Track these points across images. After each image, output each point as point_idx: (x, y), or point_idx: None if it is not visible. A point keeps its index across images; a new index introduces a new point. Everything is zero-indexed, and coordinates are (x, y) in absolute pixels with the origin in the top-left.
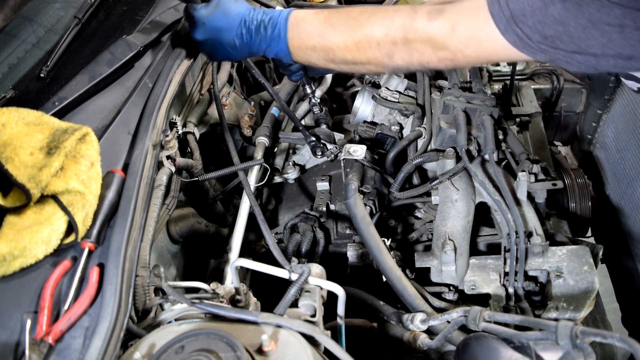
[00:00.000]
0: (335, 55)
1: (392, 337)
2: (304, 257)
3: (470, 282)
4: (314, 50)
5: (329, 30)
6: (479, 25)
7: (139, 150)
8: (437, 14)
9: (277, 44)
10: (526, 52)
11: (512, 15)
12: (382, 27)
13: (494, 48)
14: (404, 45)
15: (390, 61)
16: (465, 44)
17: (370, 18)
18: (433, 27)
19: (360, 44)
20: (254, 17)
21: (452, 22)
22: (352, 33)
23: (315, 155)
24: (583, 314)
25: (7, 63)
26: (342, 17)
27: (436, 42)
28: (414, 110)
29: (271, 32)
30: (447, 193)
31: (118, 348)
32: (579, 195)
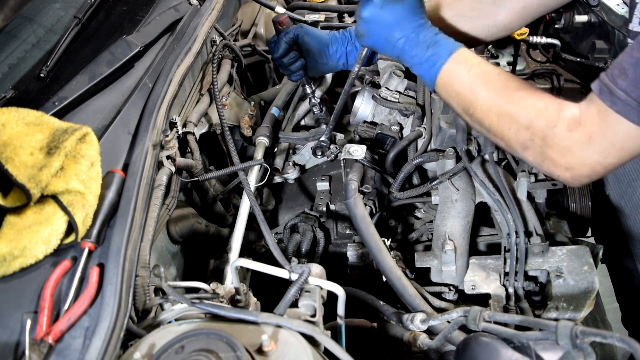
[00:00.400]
0: (475, 113)
1: (392, 337)
2: (304, 257)
3: (470, 282)
4: (457, 96)
5: (481, 88)
6: (615, 130)
7: (139, 150)
8: (575, 124)
9: (428, 68)
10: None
11: (637, 101)
12: (528, 117)
13: (634, 145)
14: (540, 146)
15: (522, 152)
16: (605, 154)
17: (522, 101)
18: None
19: (502, 119)
20: (428, 32)
21: (589, 132)
22: (499, 105)
23: (315, 155)
24: (583, 314)
25: (7, 63)
26: (498, 83)
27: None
28: (414, 110)
29: (430, 55)
30: (447, 193)
31: (118, 348)
32: (579, 195)
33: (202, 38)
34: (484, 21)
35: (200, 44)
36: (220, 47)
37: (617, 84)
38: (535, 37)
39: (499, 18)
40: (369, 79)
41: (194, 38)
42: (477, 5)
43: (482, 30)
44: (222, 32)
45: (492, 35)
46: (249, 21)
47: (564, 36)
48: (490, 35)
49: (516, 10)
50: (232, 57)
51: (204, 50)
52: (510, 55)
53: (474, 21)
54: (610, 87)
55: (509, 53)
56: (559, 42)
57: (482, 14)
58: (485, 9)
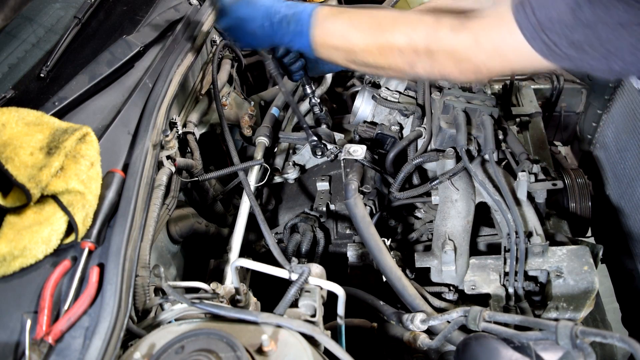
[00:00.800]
0: (357, 57)
1: (392, 337)
2: (304, 257)
3: (470, 282)
4: (336, 49)
5: (353, 32)
6: (503, 36)
7: (139, 150)
8: (460, 27)
9: (300, 39)
10: (552, 59)
11: (539, 22)
12: (405, 35)
13: (518, 58)
14: (426, 55)
15: (412, 70)
16: (489, 57)
17: (395, 24)
18: (456, 40)
19: (382, 49)
20: (278, 10)
21: (476, 35)
22: (375, 37)
23: (315, 155)
24: (583, 314)
25: (7, 63)
26: (366, 20)
27: (459, 55)
28: (414, 110)
29: (294, 27)
30: (447, 193)
31: (118, 348)
32: (579, 195)
33: (202, 38)
34: None
35: (200, 44)
36: (220, 47)
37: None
38: None
39: None
40: (369, 79)
41: (194, 38)
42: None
43: None
44: (222, 32)
45: None
46: None
47: None
48: None
49: None
50: (232, 57)
51: (204, 50)
52: None
53: None
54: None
55: None
56: None
57: None
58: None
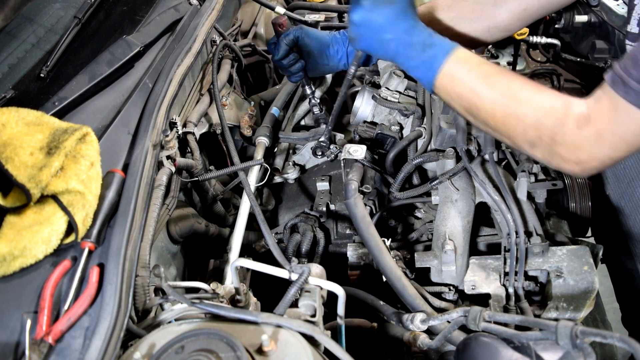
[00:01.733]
0: (479, 114)
1: (392, 337)
2: (304, 257)
3: (470, 282)
4: (459, 97)
5: (484, 89)
6: (625, 124)
7: (139, 150)
8: (585, 122)
9: (425, 70)
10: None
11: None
12: (535, 117)
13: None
14: (548, 144)
15: (530, 150)
16: (614, 149)
17: (529, 101)
18: (582, 137)
19: (508, 119)
20: (420, 31)
21: (599, 129)
22: (505, 105)
23: (315, 155)
24: (583, 314)
25: (7, 63)
26: (502, 82)
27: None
28: (414, 110)
29: (426, 57)
30: (447, 193)
31: (118, 348)
32: (579, 195)
33: (202, 38)
34: (484, 23)
35: (200, 44)
36: (220, 47)
37: (630, 75)
38: (535, 37)
39: (500, 19)
40: (369, 79)
41: (194, 38)
42: (477, 7)
43: (483, 31)
44: (222, 32)
45: (493, 36)
46: (249, 21)
47: (564, 36)
48: (490, 36)
49: (517, 11)
50: (232, 57)
51: (204, 50)
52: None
53: (475, 23)
54: (624, 77)
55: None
56: (559, 42)
57: (482, 15)
58: (485, 10)
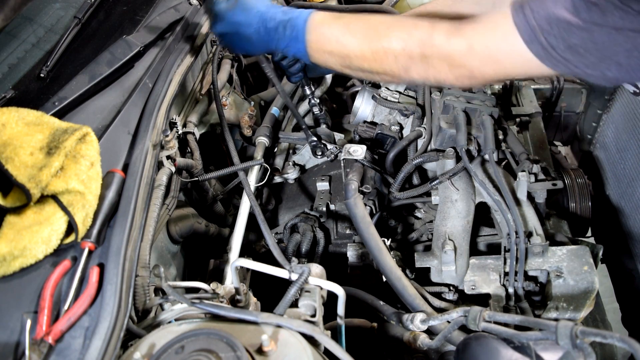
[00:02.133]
0: (352, 62)
1: (392, 337)
2: (304, 257)
3: (470, 282)
4: (331, 54)
5: (348, 37)
6: (498, 41)
7: (139, 150)
8: (455, 31)
9: (296, 44)
10: (548, 63)
11: (538, 25)
12: (400, 40)
13: (514, 63)
14: (420, 60)
15: (406, 74)
16: (483, 62)
17: (390, 29)
18: (451, 46)
19: (377, 54)
20: (273, 16)
21: (470, 40)
22: (370, 42)
23: (315, 155)
24: (583, 314)
25: (7, 63)
26: (361, 25)
27: (453, 60)
28: (414, 110)
29: (290, 33)
30: (447, 193)
31: (118, 348)
32: (579, 195)
33: (202, 38)
34: None
35: (200, 44)
36: (220, 47)
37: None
38: None
39: None
40: None
41: (194, 38)
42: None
43: None
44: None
45: None
46: None
47: None
48: None
49: None
50: (232, 57)
51: (204, 50)
52: None
53: None
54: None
55: None
56: None
57: None
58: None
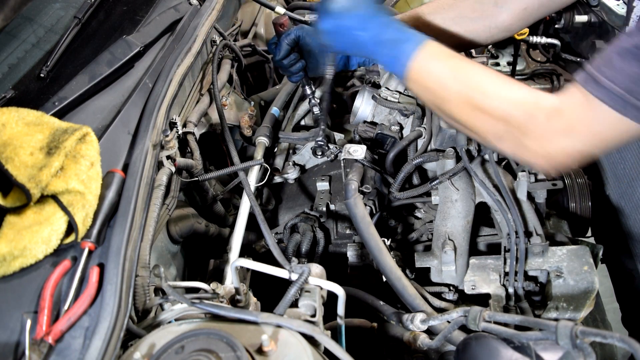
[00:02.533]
0: (446, 107)
1: (392, 337)
2: (304, 257)
3: (470, 282)
4: (428, 91)
5: (452, 82)
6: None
7: (139, 150)
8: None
9: (397, 66)
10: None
11: (625, 89)
12: (502, 109)
13: (615, 134)
14: (517, 137)
15: (497, 143)
16: (585, 143)
17: (497, 93)
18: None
19: (475, 112)
20: (391, 31)
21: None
22: (472, 98)
23: (315, 155)
24: (583, 314)
25: (7, 63)
26: (470, 75)
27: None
28: (414, 110)
29: (397, 52)
30: (447, 193)
31: (118, 348)
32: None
33: (202, 38)
34: (485, 22)
35: (200, 44)
36: (220, 47)
37: (602, 73)
38: (535, 37)
39: (500, 19)
40: (369, 79)
41: (194, 38)
42: (478, 7)
43: (484, 31)
44: (222, 32)
45: (493, 36)
46: (249, 21)
47: (564, 36)
48: (491, 36)
49: (517, 11)
50: (232, 57)
51: (204, 50)
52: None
53: (475, 22)
54: (596, 76)
55: (509, 53)
56: (559, 42)
57: (483, 15)
58: (486, 10)
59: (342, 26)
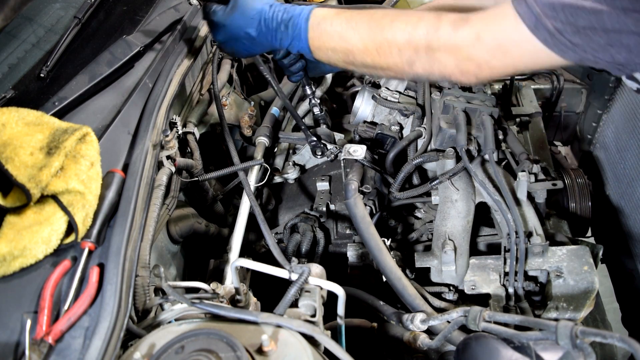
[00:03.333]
0: (355, 58)
1: (392, 337)
2: (304, 257)
3: (470, 282)
4: (334, 51)
5: (350, 32)
6: (506, 30)
7: (139, 150)
8: (462, 22)
9: (299, 42)
10: (556, 49)
11: (542, 10)
12: (405, 33)
13: (522, 52)
14: (426, 53)
15: (411, 69)
16: (491, 54)
17: (393, 22)
18: (458, 37)
19: (381, 48)
20: (274, 15)
21: (478, 30)
22: (373, 36)
23: (315, 155)
24: (583, 314)
25: (7, 63)
26: (364, 19)
27: (460, 52)
28: (414, 110)
29: (292, 31)
30: (447, 193)
31: (118, 348)
32: (579, 195)
33: (202, 38)
34: None
35: (200, 44)
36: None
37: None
38: None
39: None
40: (369, 79)
41: (194, 38)
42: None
43: None
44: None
45: None
46: None
47: None
48: None
49: None
50: (232, 57)
51: (204, 50)
52: None
53: None
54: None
55: None
56: None
57: None
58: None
59: (232, 32)
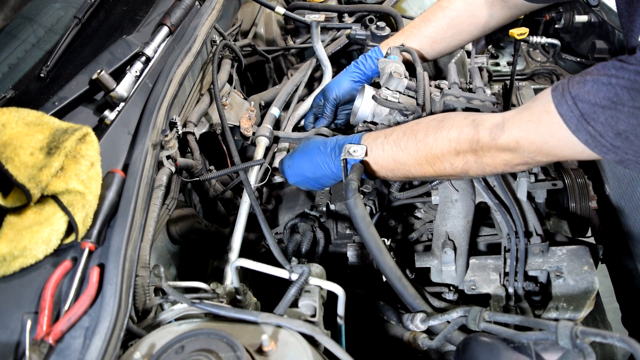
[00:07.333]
0: (415, 175)
1: (392, 337)
2: (304, 257)
3: (470, 282)
4: (393, 172)
5: (401, 155)
6: (545, 135)
7: (139, 150)
8: (497, 130)
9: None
10: (597, 151)
11: (582, 113)
12: (451, 148)
13: (564, 150)
14: (475, 162)
15: (467, 174)
16: (533, 155)
17: (437, 140)
18: (499, 145)
19: (435, 164)
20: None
21: (516, 138)
22: (423, 156)
23: None
24: (583, 314)
25: (7, 63)
26: (410, 141)
27: (504, 157)
28: (414, 110)
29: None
30: (447, 193)
31: (118, 348)
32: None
33: (202, 38)
34: None
35: (200, 44)
36: (220, 47)
37: (570, 89)
38: (536, 37)
39: None
40: None
41: (194, 38)
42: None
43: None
44: (222, 32)
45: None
46: (249, 21)
47: (564, 36)
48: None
49: None
50: (232, 57)
51: (204, 50)
52: (510, 55)
53: None
54: (565, 88)
55: (509, 53)
56: (559, 42)
57: None
58: None
59: (301, 176)
